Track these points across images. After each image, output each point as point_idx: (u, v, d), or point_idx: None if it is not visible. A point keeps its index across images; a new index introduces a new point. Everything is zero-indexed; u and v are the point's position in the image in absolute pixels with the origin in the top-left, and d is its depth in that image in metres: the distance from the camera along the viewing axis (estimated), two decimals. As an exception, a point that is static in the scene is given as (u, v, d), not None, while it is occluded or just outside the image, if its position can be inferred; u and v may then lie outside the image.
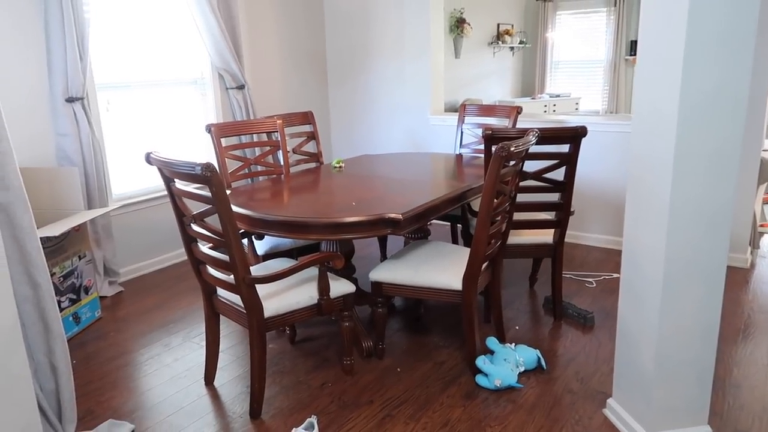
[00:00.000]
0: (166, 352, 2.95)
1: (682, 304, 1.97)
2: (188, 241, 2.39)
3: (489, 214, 2.39)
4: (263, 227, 2.51)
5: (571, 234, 4.38)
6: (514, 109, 3.86)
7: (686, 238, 1.91)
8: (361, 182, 3.07)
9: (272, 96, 4.90)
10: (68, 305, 3.11)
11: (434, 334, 3.03)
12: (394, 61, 5.02)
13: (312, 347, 2.93)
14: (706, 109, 1.80)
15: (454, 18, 7.07)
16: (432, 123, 4.92)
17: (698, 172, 1.85)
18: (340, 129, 5.51)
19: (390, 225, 2.40)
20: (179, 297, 3.62)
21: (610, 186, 4.20)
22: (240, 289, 2.20)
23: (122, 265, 3.89)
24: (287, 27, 4.94)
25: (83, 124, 3.44)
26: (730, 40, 1.76)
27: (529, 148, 2.53)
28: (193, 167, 1.99)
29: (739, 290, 3.47)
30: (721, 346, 2.80)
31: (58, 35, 3.29)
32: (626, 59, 8.28)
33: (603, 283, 3.63)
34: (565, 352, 2.81)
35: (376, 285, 2.69)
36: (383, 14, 4.97)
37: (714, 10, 1.73)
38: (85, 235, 3.29)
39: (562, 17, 8.62)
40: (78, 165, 3.44)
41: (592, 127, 4.07)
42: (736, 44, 1.76)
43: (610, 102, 8.44)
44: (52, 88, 3.38)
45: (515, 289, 3.59)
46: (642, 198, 2.02)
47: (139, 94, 3.94)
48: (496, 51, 8.18)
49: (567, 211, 2.98)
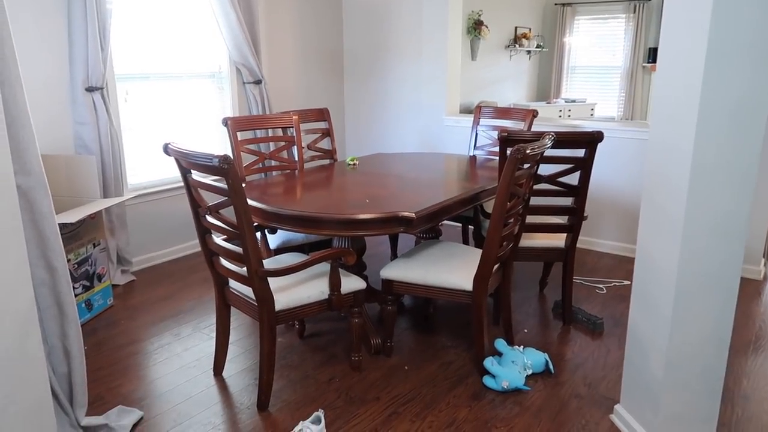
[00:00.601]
0: (176, 341, 2.98)
1: (694, 313, 1.96)
2: (202, 232, 2.41)
3: (502, 216, 2.39)
4: (276, 221, 2.53)
5: (584, 239, 4.37)
6: (530, 112, 3.86)
7: (700, 248, 1.90)
8: (374, 180, 3.08)
9: (288, 92, 4.93)
10: (81, 292, 3.14)
11: (443, 334, 3.04)
12: (410, 60, 5.02)
13: (320, 342, 2.95)
14: (726, 119, 1.79)
15: (471, 20, 7.06)
16: (446, 124, 4.92)
17: (715, 184, 1.84)
18: (355, 127, 5.53)
19: (403, 223, 2.41)
20: (190, 288, 3.65)
21: (625, 193, 4.19)
22: (252, 282, 2.22)
23: (135, 254, 3.93)
24: (305, 23, 4.96)
25: (102, 113, 3.48)
26: (752, 51, 1.75)
27: (544, 151, 2.53)
28: (211, 159, 2.00)
29: (751, 302, 3.44)
30: (731, 357, 2.78)
31: (81, 26, 3.33)
32: (644, 66, 8.23)
33: (613, 290, 3.61)
34: (574, 357, 2.81)
35: (386, 283, 2.70)
36: (402, 13, 4.97)
37: (737, 20, 1.72)
38: (100, 223, 3.32)
39: (580, 22, 8.58)
40: (95, 153, 3.48)
41: (608, 133, 4.06)
42: (759, 55, 1.75)
43: (626, 109, 8.40)
44: (73, 78, 3.42)
45: (525, 292, 3.59)
46: (657, 206, 2.01)
47: (158, 86, 3.98)
48: (512, 54, 8.16)
49: (580, 216, 2.98)
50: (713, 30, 1.73)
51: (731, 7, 1.71)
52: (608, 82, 8.54)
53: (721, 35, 1.73)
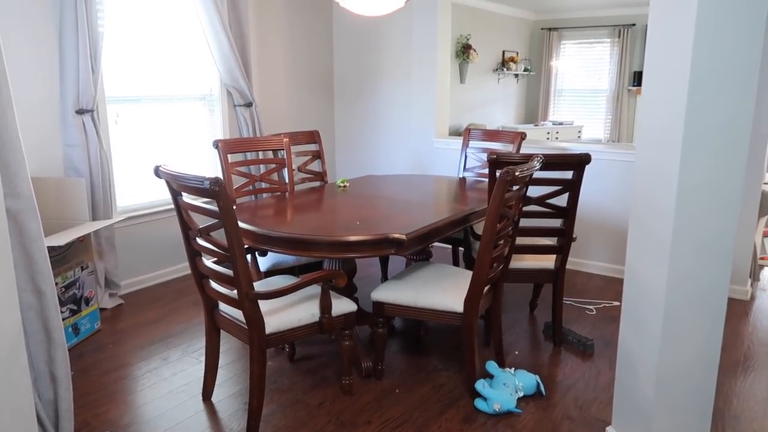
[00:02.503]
0: (164, 366, 2.94)
1: (683, 333, 1.98)
2: (192, 254, 2.40)
3: (492, 237, 2.40)
4: (267, 243, 2.53)
5: (573, 261, 4.39)
6: (519, 134, 3.90)
7: (688, 268, 1.92)
8: (365, 202, 3.10)
9: (279, 114, 4.95)
10: (68, 316, 3.11)
11: (434, 357, 3.02)
12: (400, 83, 5.08)
13: (311, 366, 2.92)
14: (710, 141, 1.83)
15: (460, 44, 7.17)
16: (436, 146, 4.96)
17: (701, 204, 1.87)
18: (346, 149, 5.56)
19: (393, 245, 2.42)
20: (179, 311, 3.62)
21: (613, 214, 4.23)
22: (242, 304, 2.21)
23: (123, 277, 3.89)
24: (296, 46, 5.02)
25: (92, 135, 3.47)
26: (733, 74, 1.79)
27: (533, 173, 2.55)
28: (202, 181, 2.01)
29: (739, 322, 3.47)
30: (721, 377, 2.79)
31: (72, 48, 3.35)
32: (629, 90, 8.37)
33: (603, 311, 3.63)
34: (565, 379, 2.80)
35: (377, 305, 2.70)
36: (391, 38, 5.04)
37: (718, 44, 1.76)
38: (88, 246, 3.30)
39: (566, 46, 8.74)
40: (85, 176, 3.47)
41: (596, 155, 4.11)
42: (740, 78, 1.80)
43: (613, 131, 8.52)
44: (63, 100, 3.42)
45: (516, 313, 3.59)
46: (645, 227, 2.04)
47: (148, 108, 3.99)
48: (500, 77, 8.28)
49: (569, 238, 3.00)
50: (696, 55, 1.77)
51: (712, 33, 1.76)
52: (595, 104, 8.67)
53: (704, 60, 1.77)
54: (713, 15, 1.75)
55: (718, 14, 1.75)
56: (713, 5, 1.74)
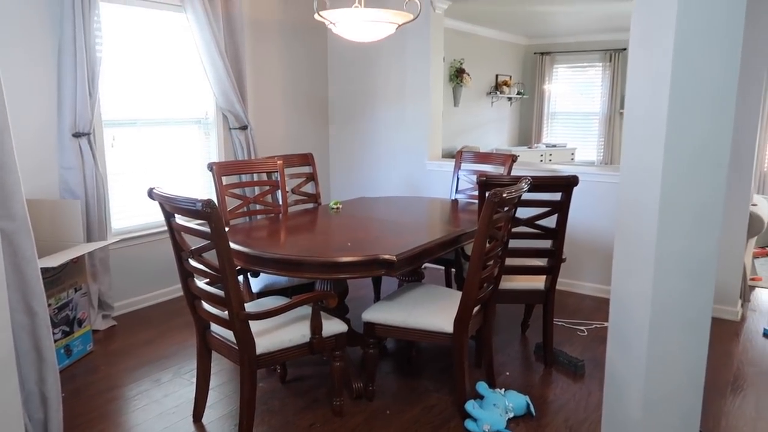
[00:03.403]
0: (155, 387, 2.94)
1: (668, 352, 2.00)
2: (185, 275, 2.43)
3: (481, 258, 2.44)
4: (259, 264, 2.56)
5: (565, 282, 4.42)
6: (509, 157, 3.96)
7: (672, 287, 1.95)
8: (357, 223, 3.13)
9: (274, 137, 5.02)
10: (61, 337, 3.11)
11: (425, 377, 3.03)
12: (394, 107, 5.16)
13: (302, 387, 2.93)
14: (690, 164, 1.88)
15: (453, 68, 7.28)
16: (429, 168, 5.02)
17: (683, 225, 1.92)
18: (339, 171, 5.61)
19: (384, 266, 2.45)
20: (172, 333, 3.63)
21: (604, 235, 4.27)
22: (234, 325, 2.23)
23: (117, 298, 3.90)
24: (291, 71, 5.10)
25: (88, 158, 3.52)
26: (712, 100, 1.85)
27: (521, 194, 2.60)
28: (195, 203, 2.05)
29: (730, 343, 3.49)
30: (711, 397, 2.81)
31: (70, 72, 3.41)
32: (621, 112, 8.48)
33: (594, 332, 3.65)
34: (555, 399, 2.81)
35: (368, 325, 2.72)
36: (385, 62, 5.13)
37: (696, 70, 1.82)
38: (82, 267, 3.32)
39: (559, 70, 8.87)
40: (80, 198, 3.50)
41: (586, 177, 4.17)
42: (718, 104, 1.85)
43: (605, 153, 8.61)
44: (61, 123, 3.47)
45: (507, 334, 3.61)
46: (629, 248, 2.07)
47: (144, 131, 4.04)
48: (494, 100, 8.39)
49: (558, 258, 3.03)
50: (674, 80, 1.83)
51: (690, 60, 1.82)
52: (587, 127, 8.78)
53: (682, 87, 1.83)
54: (691, 41, 1.81)
55: (696, 41, 1.81)
56: (691, 32, 1.80)
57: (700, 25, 1.80)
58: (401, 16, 2.93)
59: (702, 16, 1.79)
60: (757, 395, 2.85)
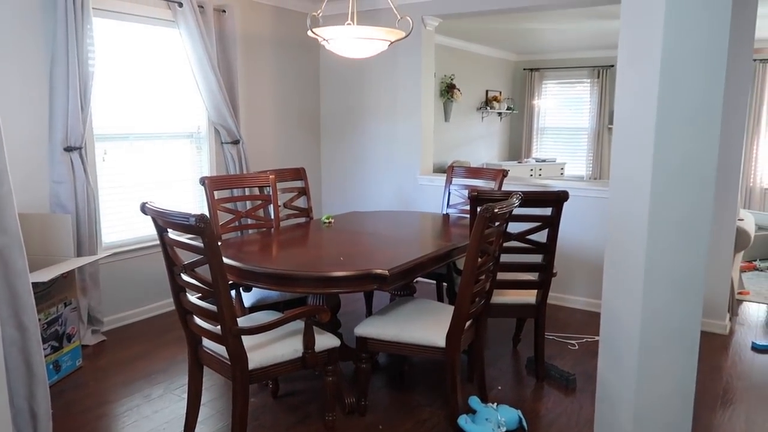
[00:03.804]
0: (146, 403, 2.92)
1: (659, 367, 2.02)
2: (177, 290, 2.42)
3: (473, 272, 2.45)
4: (251, 279, 2.56)
5: (556, 296, 4.44)
6: (500, 171, 4.00)
7: (661, 301, 1.98)
8: (349, 238, 3.14)
9: (266, 151, 5.03)
10: (50, 353, 3.08)
11: (417, 392, 3.03)
12: (385, 122, 5.19)
13: (294, 402, 2.92)
14: (678, 180, 1.91)
15: (444, 84, 7.36)
16: (421, 183, 5.05)
17: (671, 240, 1.95)
18: (331, 185, 5.63)
19: (377, 280, 2.45)
20: (163, 348, 3.60)
21: (594, 250, 4.30)
22: (226, 340, 2.22)
23: (107, 313, 3.87)
24: (284, 86, 5.13)
25: (79, 172, 3.51)
26: (698, 117, 1.89)
27: (512, 209, 2.62)
28: (188, 218, 2.05)
29: (719, 357, 3.52)
30: (700, 411, 2.82)
31: (62, 86, 3.41)
32: (609, 128, 8.59)
33: (585, 346, 3.66)
34: (547, 414, 2.82)
35: (360, 340, 2.72)
36: (377, 78, 5.18)
37: (683, 88, 1.87)
38: (72, 282, 3.30)
39: (548, 86, 8.98)
40: (71, 212, 3.49)
41: (575, 192, 4.21)
42: (705, 120, 1.89)
43: (594, 168, 8.70)
44: (52, 137, 3.47)
45: (499, 348, 3.61)
46: (619, 262, 2.10)
47: (136, 145, 4.04)
48: (484, 116, 8.47)
49: (549, 273, 3.06)
50: (662, 99, 1.87)
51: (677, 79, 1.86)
52: (576, 142, 8.87)
53: (669, 104, 1.87)
54: (677, 60, 1.85)
55: (682, 60, 1.86)
56: (677, 52, 1.85)
57: (686, 44, 1.84)
58: (393, 33, 2.97)
59: (687, 35, 1.84)
60: (747, 409, 2.88)
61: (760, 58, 7.29)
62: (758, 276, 5.29)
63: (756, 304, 4.55)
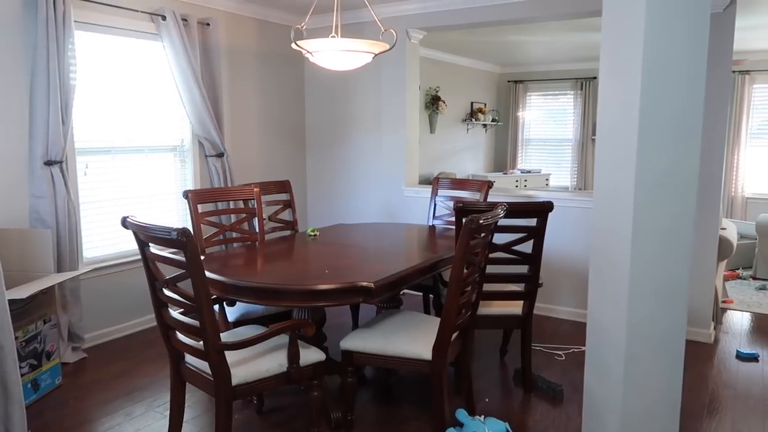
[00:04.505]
0: (127, 421, 2.86)
1: (645, 377, 2.02)
2: (159, 305, 2.38)
3: (459, 284, 2.44)
4: (235, 293, 2.52)
5: (542, 306, 4.44)
6: (486, 183, 4.01)
7: (646, 310, 1.98)
8: (335, 251, 3.12)
9: (251, 164, 5.00)
10: (28, 371, 3.01)
11: (404, 406, 3.00)
12: (371, 134, 5.20)
13: (279, 418, 2.87)
14: (660, 190, 1.92)
15: (429, 96, 7.39)
16: (406, 195, 5.05)
17: (655, 249, 1.95)
18: (317, 198, 5.61)
19: (362, 293, 2.43)
20: (145, 364, 3.54)
21: (580, 260, 4.32)
22: (209, 355, 2.19)
23: (88, 330, 3.80)
24: (268, 99, 5.12)
25: (60, 187, 3.46)
26: (679, 128, 1.90)
27: (497, 220, 2.62)
28: (170, 232, 2.02)
29: (704, 365, 3.53)
30: (686, 420, 2.82)
31: (43, 100, 3.37)
32: (593, 139, 8.67)
33: (572, 356, 3.66)
34: (535, 425, 2.80)
35: (346, 354, 2.69)
36: (362, 90, 5.19)
37: (664, 100, 1.88)
38: (51, 298, 3.24)
39: (532, 98, 9.06)
40: (51, 227, 3.43)
41: (561, 203, 4.23)
42: (686, 131, 1.91)
43: (579, 179, 8.76)
44: (32, 151, 3.42)
45: (486, 360, 3.60)
46: (603, 272, 2.10)
47: (119, 159, 4.00)
48: (469, 127, 8.51)
49: (535, 283, 3.05)
50: (643, 111, 1.88)
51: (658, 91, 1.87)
52: (561, 153, 8.94)
53: (651, 115, 1.89)
54: (658, 72, 1.87)
55: (662, 72, 1.87)
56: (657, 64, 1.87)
57: (666, 55, 1.86)
58: (377, 46, 2.98)
59: (667, 47, 1.86)
60: (733, 417, 2.88)
61: (739, 70, 7.42)
62: (741, 284, 5.34)
63: (740, 312, 4.58)
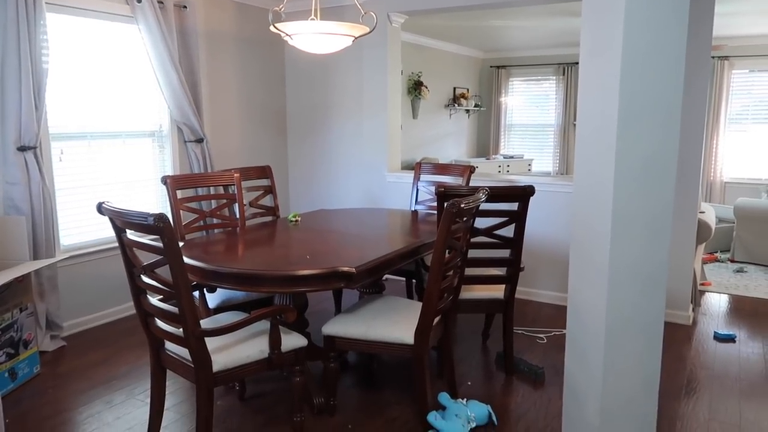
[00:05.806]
0: (107, 409, 2.83)
1: (623, 357, 2.04)
2: (137, 292, 2.35)
3: (441, 268, 2.44)
4: (216, 280, 2.50)
5: (524, 290, 4.47)
6: (468, 168, 4.00)
7: (625, 294, 1.99)
8: (316, 236, 3.10)
9: (231, 150, 4.94)
10: (5, 360, 2.96)
11: (387, 390, 3.01)
12: (352, 119, 5.16)
13: (261, 404, 2.86)
14: (640, 174, 1.93)
15: (412, 81, 7.35)
16: (389, 180, 5.03)
17: (634, 234, 1.96)
18: (298, 184, 5.56)
19: (343, 278, 2.42)
20: (125, 352, 3.50)
21: (561, 244, 4.34)
22: (189, 342, 2.16)
23: (66, 318, 3.75)
24: (248, 83, 5.05)
25: (34, 173, 3.38)
26: (659, 112, 1.90)
27: (479, 205, 2.62)
28: (146, 218, 1.98)
29: (682, 347, 3.58)
30: (665, 401, 2.87)
31: (14, 84, 3.28)
32: (574, 124, 8.70)
33: (553, 339, 3.69)
34: (516, 408, 2.83)
35: (328, 339, 2.68)
36: (343, 75, 5.14)
37: (643, 83, 1.88)
38: (28, 286, 3.18)
39: (515, 83, 9.06)
40: (26, 214, 3.36)
41: (542, 188, 4.24)
42: (665, 115, 1.91)
43: (561, 164, 8.81)
44: (4, 137, 3.33)
45: (468, 344, 3.62)
46: (584, 257, 2.11)
47: (95, 145, 3.92)
48: (452, 113, 8.49)
49: (517, 267, 3.07)
50: (623, 95, 1.88)
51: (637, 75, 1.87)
52: (543, 138, 8.97)
53: (630, 99, 1.88)
54: (637, 55, 1.87)
55: (642, 55, 1.87)
56: (637, 47, 1.86)
57: (646, 38, 1.86)
58: (357, 28, 2.94)
59: (647, 30, 1.85)
60: (710, 397, 2.94)
61: (718, 55, 7.48)
62: (719, 267, 5.43)
63: (717, 294, 4.66)
